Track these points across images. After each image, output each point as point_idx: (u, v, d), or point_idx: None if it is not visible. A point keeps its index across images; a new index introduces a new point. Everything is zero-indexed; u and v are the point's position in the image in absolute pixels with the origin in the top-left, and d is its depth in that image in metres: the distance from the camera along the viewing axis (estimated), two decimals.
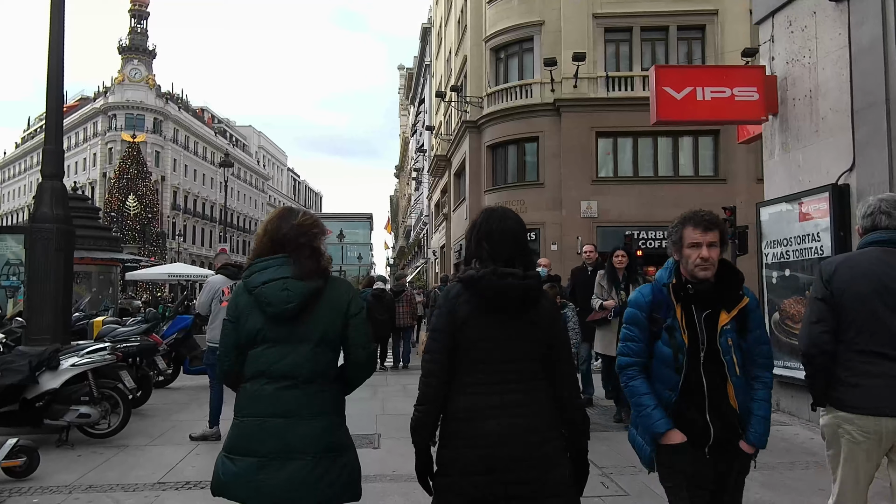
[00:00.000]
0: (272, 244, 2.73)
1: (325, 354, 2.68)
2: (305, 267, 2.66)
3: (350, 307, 2.74)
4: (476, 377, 2.49)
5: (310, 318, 2.65)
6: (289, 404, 2.59)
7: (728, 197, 23.14)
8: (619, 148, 24.49)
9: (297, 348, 2.63)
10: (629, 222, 23.37)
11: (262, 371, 2.63)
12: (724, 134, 23.52)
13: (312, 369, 2.63)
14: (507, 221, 2.61)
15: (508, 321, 2.49)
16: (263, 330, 2.64)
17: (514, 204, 24.59)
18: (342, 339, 2.72)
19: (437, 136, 37.56)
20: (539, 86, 24.79)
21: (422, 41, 49.47)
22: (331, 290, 2.72)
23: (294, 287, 2.62)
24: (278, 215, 2.82)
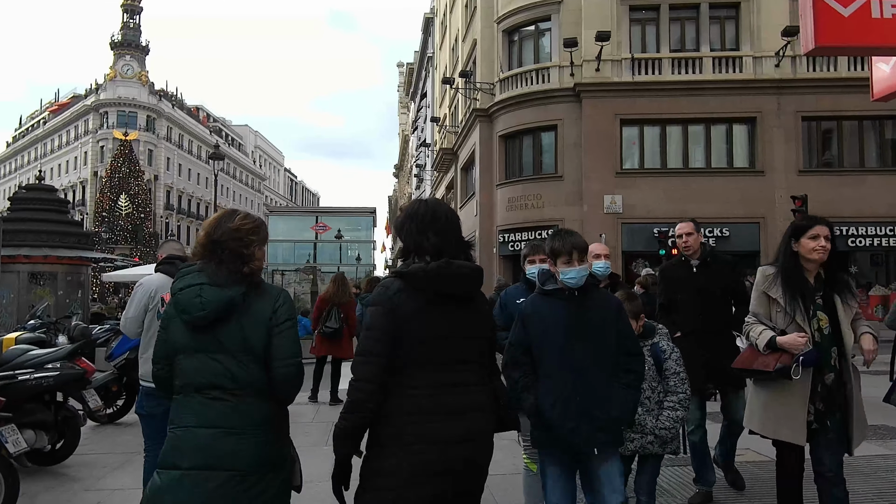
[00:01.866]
0: (204, 247, 2.66)
1: (251, 366, 2.53)
2: (219, 273, 2.57)
3: (275, 317, 2.58)
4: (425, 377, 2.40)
5: (231, 327, 2.53)
6: (215, 416, 2.48)
7: (766, 191, 21.29)
8: (646, 137, 22.45)
9: (218, 358, 2.52)
10: (657, 218, 21.32)
11: (188, 381, 2.54)
12: (761, 121, 21.53)
13: (237, 381, 2.51)
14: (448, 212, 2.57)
15: (457, 315, 2.45)
16: (183, 339, 2.57)
17: (530, 199, 22.71)
18: (267, 349, 2.55)
19: (441, 130, 35.53)
20: (557, 69, 22.73)
21: (424, 32, 47.72)
22: (256, 298, 2.60)
23: (208, 294, 2.52)
24: (218, 216, 2.74)
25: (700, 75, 21.78)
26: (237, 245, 2.62)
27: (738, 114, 21.70)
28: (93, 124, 67.64)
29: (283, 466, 2.59)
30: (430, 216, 2.52)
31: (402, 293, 2.43)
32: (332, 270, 23.18)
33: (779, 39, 20.90)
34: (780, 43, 21.02)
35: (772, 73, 21.52)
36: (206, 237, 2.67)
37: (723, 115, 21.74)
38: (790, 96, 21.41)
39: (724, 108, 21.54)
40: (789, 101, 21.41)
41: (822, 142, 22.20)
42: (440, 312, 2.43)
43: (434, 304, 2.42)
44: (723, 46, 22.30)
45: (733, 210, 21.22)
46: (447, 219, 2.54)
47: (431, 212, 2.54)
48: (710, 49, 22.12)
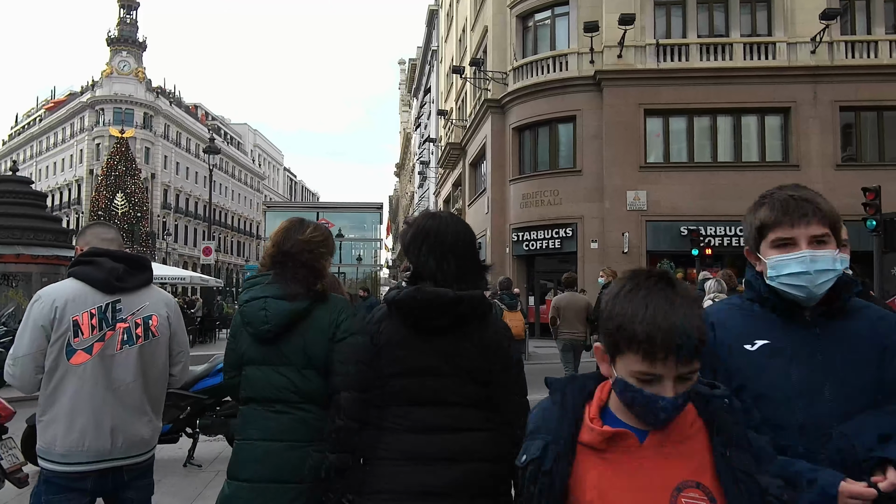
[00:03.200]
0: (273, 258, 2.63)
1: (314, 379, 2.51)
2: (290, 288, 2.54)
3: (337, 331, 2.55)
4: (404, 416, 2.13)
5: (294, 340, 2.52)
6: (279, 429, 2.47)
7: None
8: (672, 128, 21.01)
9: (282, 371, 2.51)
10: (684, 216, 20.01)
11: (252, 395, 2.55)
12: (796, 112, 20.08)
13: (301, 394, 2.49)
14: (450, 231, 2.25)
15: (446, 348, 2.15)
16: (250, 350, 2.56)
17: (547, 195, 21.27)
18: (329, 362, 2.51)
19: (448, 124, 34.11)
20: (576, 56, 21.29)
21: (427, 26, 46.42)
22: (319, 311, 2.57)
23: (273, 308, 2.51)
24: (285, 227, 2.70)
25: (730, 62, 20.37)
26: (309, 258, 2.59)
27: (770, 104, 20.27)
28: (88, 121, 66.82)
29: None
30: (431, 235, 2.25)
31: (384, 322, 2.23)
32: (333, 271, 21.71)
33: (815, 23, 19.47)
34: (816, 27, 19.59)
35: (807, 59, 20.08)
36: (275, 249, 2.63)
37: (754, 105, 20.32)
38: (827, 85, 19.98)
39: (756, 97, 20.12)
40: (826, 90, 19.98)
41: (862, 133, 20.68)
42: (424, 345, 2.17)
43: (418, 336, 2.18)
44: (754, 31, 20.84)
45: None
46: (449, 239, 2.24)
47: (434, 230, 2.25)
48: (741, 34, 20.67)
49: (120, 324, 2.75)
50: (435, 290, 2.12)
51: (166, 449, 6.08)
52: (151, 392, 2.87)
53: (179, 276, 21.33)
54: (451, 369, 2.14)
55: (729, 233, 19.91)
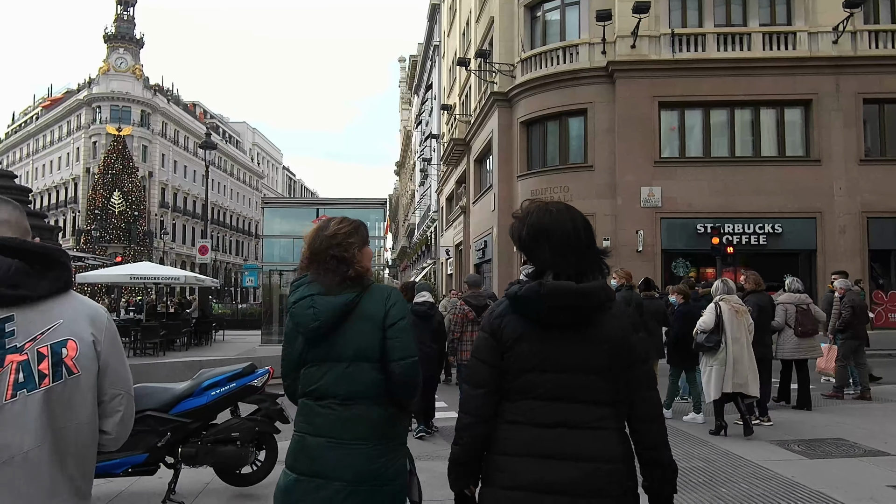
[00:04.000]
0: (308, 259, 2.65)
1: (364, 373, 2.51)
2: (326, 280, 2.58)
3: (388, 317, 2.55)
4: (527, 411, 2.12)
5: (345, 333, 2.54)
6: (327, 425, 2.49)
7: (822, 182, 19.06)
8: (687, 122, 20.15)
9: (332, 367, 2.54)
10: (700, 213, 19.22)
11: (308, 390, 2.58)
12: (817, 104, 19.24)
13: (349, 389, 2.50)
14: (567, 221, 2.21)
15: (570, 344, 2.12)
16: (305, 349, 2.60)
17: (557, 191, 20.44)
18: (383, 351, 2.52)
19: (451, 120, 33.26)
20: (587, 47, 20.42)
21: (429, 20, 45.48)
22: (367, 301, 2.58)
23: (320, 304, 2.54)
24: (315, 227, 2.74)
25: (748, 53, 19.51)
26: (338, 251, 2.60)
27: (791, 96, 19.44)
28: (85, 119, 66.31)
29: (394, 479, 2.49)
30: (548, 228, 2.18)
31: (507, 316, 2.17)
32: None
33: (838, 12, 18.65)
34: (839, 16, 18.76)
35: (829, 50, 19.23)
36: (307, 249, 2.66)
37: (774, 97, 19.49)
38: (850, 76, 19.15)
39: (776, 89, 19.29)
40: (849, 82, 19.14)
41: (886, 127, 19.81)
42: (547, 339, 2.11)
43: (542, 331, 2.12)
44: (773, 20, 19.99)
45: (786, 204, 18.99)
46: (567, 232, 2.17)
47: (551, 223, 2.19)
48: (760, 23, 19.83)
49: (11, 355, 1.71)
50: (559, 284, 2.09)
51: (143, 482, 5.23)
52: (69, 464, 1.78)
53: (173, 275, 20.41)
54: (575, 364, 2.11)
55: (748, 230, 19.10)
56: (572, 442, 2.05)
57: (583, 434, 2.06)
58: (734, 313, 7.28)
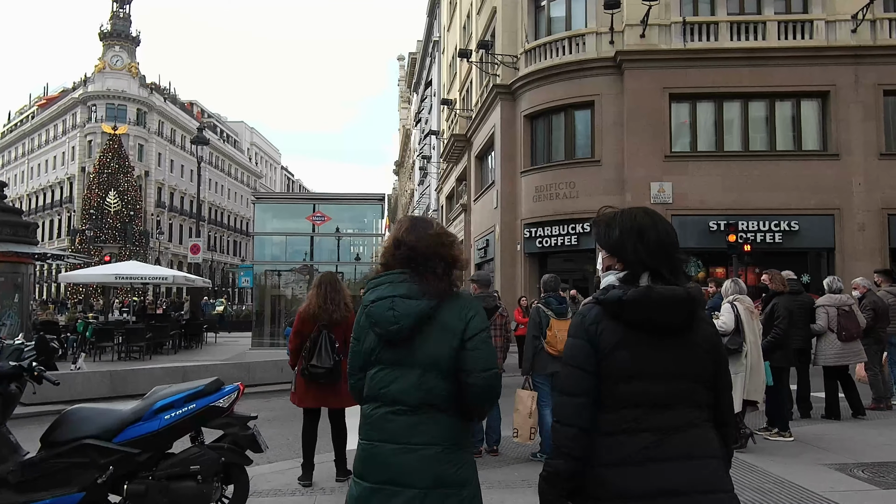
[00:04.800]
0: (406, 257, 2.56)
1: (436, 381, 2.44)
2: (433, 286, 2.49)
3: (468, 328, 2.47)
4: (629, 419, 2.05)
5: (421, 340, 2.46)
6: (397, 431, 2.43)
7: (841, 177, 18.21)
8: (699, 115, 19.29)
9: (405, 373, 2.46)
10: (713, 210, 18.41)
11: (375, 394, 2.52)
12: (835, 96, 18.38)
13: (420, 397, 2.43)
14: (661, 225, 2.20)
15: (668, 349, 2.08)
16: (377, 350, 2.53)
17: (562, 187, 19.61)
18: (457, 364, 2.44)
19: (451, 117, 32.39)
20: (594, 37, 19.55)
21: (429, 16, 44.78)
22: (447, 309, 2.50)
23: (401, 307, 2.47)
24: (411, 222, 2.66)
25: (763, 42, 18.66)
26: (444, 251, 2.56)
27: (807, 87, 18.60)
28: (80, 118, 65.35)
29: (466, 485, 2.46)
30: (646, 231, 2.17)
31: (601, 323, 2.10)
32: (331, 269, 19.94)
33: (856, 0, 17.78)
34: (858, 4, 17.95)
35: (847, 39, 18.38)
36: (406, 247, 2.57)
37: (790, 88, 18.63)
38: (869, 66, 18.32)
39: (792, 80, 18.44)
40: (868, 73, 18.31)
41: None
42: (648, 345, 2.07)
43: (639, 336, 2.07)
44: (789, 9, 19.14)
45: (802, 200, 18.14)
46: (661, 234, 2.17)
47: (648, 226, 2.18)
48: (775, 12, 18.97)
49: None
50: (669, 289, 2.06)
51: None
52: None
53: (160, 275, 19.49)
54: (678, 371, 2.08)
55: (762, 228, 18.24)
56: (677, 444, 2.02)
57: (686, 435, 2.04)
58: (749, 315, 6.63)
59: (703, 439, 2.06)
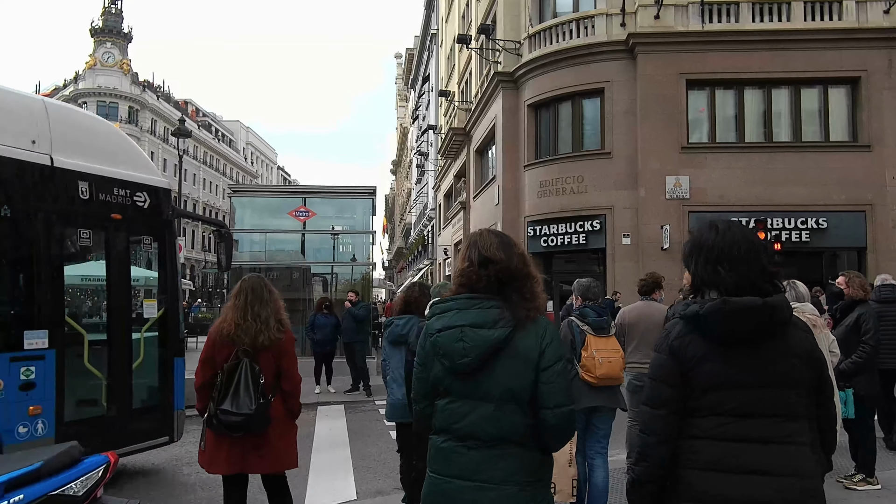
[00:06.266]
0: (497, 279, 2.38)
1: (512, 415, 2.31)
2: (521, 311, 2.35)
3: (543, 358, 2.32)
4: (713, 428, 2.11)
5: (494, 371, 2.32)
6: (471, 466, 2.31)
7: (873, 171, 16.80)
8: (719, 103, 17.84)
9: (478, 406, 2.32)
10: (734, 206, 17.01)
11: (446, 427, 2.38)
12: (867, 82, 16.98)
13: (494, 432, 2.30)
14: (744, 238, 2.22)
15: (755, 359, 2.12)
16: (445, 381, 2.39)
17: (569, 182, 18.21)
18: (533, 396, 2.31)
19: (448, 111, 30.99)
20: (604, 18, 18.12)
21: (426, 8, 43.57)
22: (521, 337, 2.33)
23: (471, 338, 2.32)
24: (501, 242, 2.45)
25: (788, 24, 17.22)
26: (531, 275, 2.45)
27: (836, 73, 17.14)
28: None
29: None
30: (722, 245, 2.19)
31: (685, 337, 2.16)
32: (324, 272, 18.42)
33: None
34: None
35: (880, 20, 16.96)
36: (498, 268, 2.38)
37: (817, 74, 17.18)
38: None
39: (819, 65, 17.00)
40: None
41: None
42: (733, 357, 2.11)
43: (725, 348, 2.12)
44: None
45: (831, 195, 16.71)
46: (744, 247, 2.18)
47: (724, 240, 2.20)
48: None
49: None
50: (745, 300, 2.09)
51: None
52: None
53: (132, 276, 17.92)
54: (766, 380, 2.10)
55: (788, 225, 16.81)
56: (764, 457, 2.05)
57: (776, 449, 2.06)
58: (812, 328, 4.98)
59: (794, 456, 2.07)
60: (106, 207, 6.39)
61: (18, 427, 5.41)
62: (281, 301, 4.17)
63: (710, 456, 2.08)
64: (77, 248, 6.55)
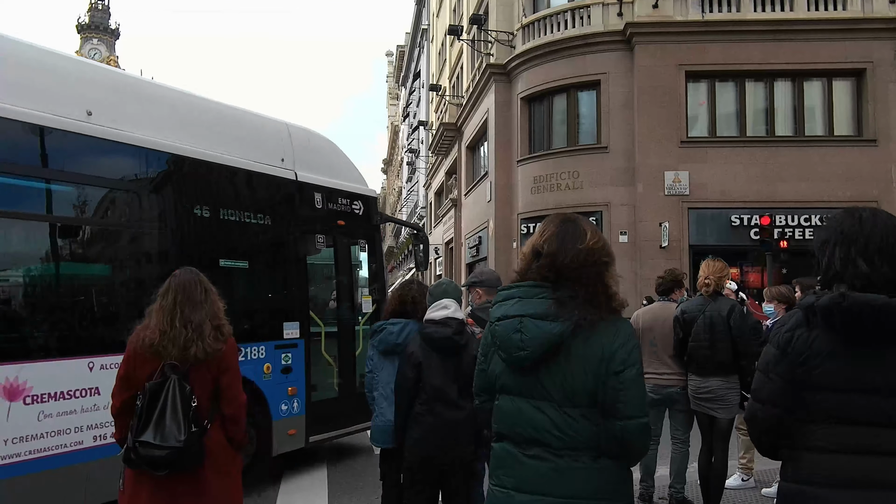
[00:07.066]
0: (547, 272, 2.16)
1: (577, 422, 2.06)
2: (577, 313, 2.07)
3: (611, 362, 2.04)
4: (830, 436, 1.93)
5: (556, 369, 2.08)
6: (534, 479, 2.08)
7: (879, 166, 16.28)
8: (719, 95, 17.19)
9: (540, 407, 2.10)
10: (735, 202, 16.45)
11: (505, 430, 2.19)
12: (872, 74, 16.39)
13: (561, 439, 2.06)
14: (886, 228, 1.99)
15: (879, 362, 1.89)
16: (503, 376, 2.20)
17: (564, 177, 17.55)
18: (601, 403, 2.05)
19: (438, 107, 30.31)
20: (600, 8, 17.46)
21: (417, 3, 42.74)
22: (589, 335, 2.07)
23: (531, 330, 2.09)
24: (555, 233, 2.23)
25: (791, 14, 16.60)
26: (594, 273, 2.15)
27: (841, 65, 16.51)
28: None
29: None
30: (859, 235, 1.97)
31: (798, 329, 1.99)
32: None
33: None
34: None
35: (886, 10, 16.36)
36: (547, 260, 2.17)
37: (820, 66, 16.55)
38: None
39: (823, 57, 16.38)
40: None
41: None
42: (859, 357, 1.90)
43: (848, 347, 1.91)
44: None
45: (835, 191, 16.07)
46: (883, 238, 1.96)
47: (863, 229, 1.98)
48: None
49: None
50: (865, 296, 1.88)
51: None
52: None
53: None
54: (887, 386, 1.89)
55: (791, 223, 16.17)
56: (886, 470, 1.86)
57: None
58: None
59: None
60: (334, 215, 7.57)
61: (281, 405, 6.57)
62: (221, 302, 3.35)
63: (833, 469, 1.91)
64: (315, 250, 7.47)
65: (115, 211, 5.66)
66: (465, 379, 3.95)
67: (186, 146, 6.00)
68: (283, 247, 6.90)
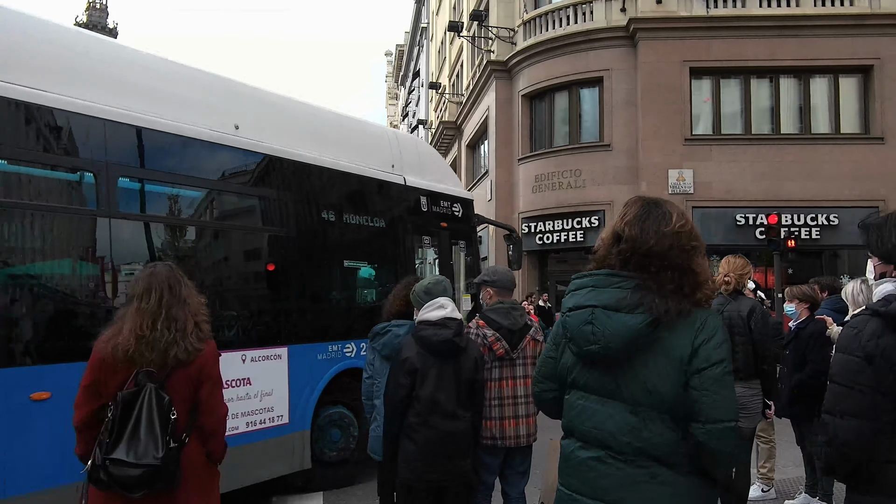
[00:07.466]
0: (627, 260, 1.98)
1: (655, 425, 1.88)
2: (660, 303, 1.87)
3: (695, 358, 1.86)
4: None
5: (634, 365, 1.91)
6: (606, 486, 1.91)
7: (887, 164, 16.00)
8: (724, 92, 16.90)
9: (610, 407, 1.94)
10: (740, 201, 16.21)
11: (573, 428, 2.06)
12: (880, 71, 16.13)
13: (637, 444, 1.88)
14: None
15: None
16: (574, 371, 2.06)
17: (566, 176, 17.30)
18: (682, 405, 1.86)
19: (438, 106, 30.02)
20: (603, 3, 17.19)
21: (417, 2, 42.38)
22: (670, 329, 1.88)
23: (603, 322, 1.93)
24: (638, 214, 2.03)
25: (797, 9, 16.36)
26: (682, 258, 1.95)
27: (848, 61, 16.23)
28: None
29: None
30: None
31: (883, 338, 1.88)
32: None
33: None
34: None
35: (894, 5, 16.11)
36: (629, 245, 1.98)
37: (827, 62, 16.26)
38: None
39: (830, 53, 16.09)
40: None
41: None
42: None
43: None
44: None
45: (842, 190, 15.84)
46: None
47: None
48: None
49: None
50: None
51: None
52: None
53: None
54: None
55: (797, 222, 15.89)
56: None
57: None
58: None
59: None
60: (437, 217, 7.94)
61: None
62: (200, 297, 3.02)
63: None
64: (421, 251, 7.87)
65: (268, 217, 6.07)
66: (464, 385, 3.65)
67: (319, 156, 6.46)
68: (395, 247, 7.32)
